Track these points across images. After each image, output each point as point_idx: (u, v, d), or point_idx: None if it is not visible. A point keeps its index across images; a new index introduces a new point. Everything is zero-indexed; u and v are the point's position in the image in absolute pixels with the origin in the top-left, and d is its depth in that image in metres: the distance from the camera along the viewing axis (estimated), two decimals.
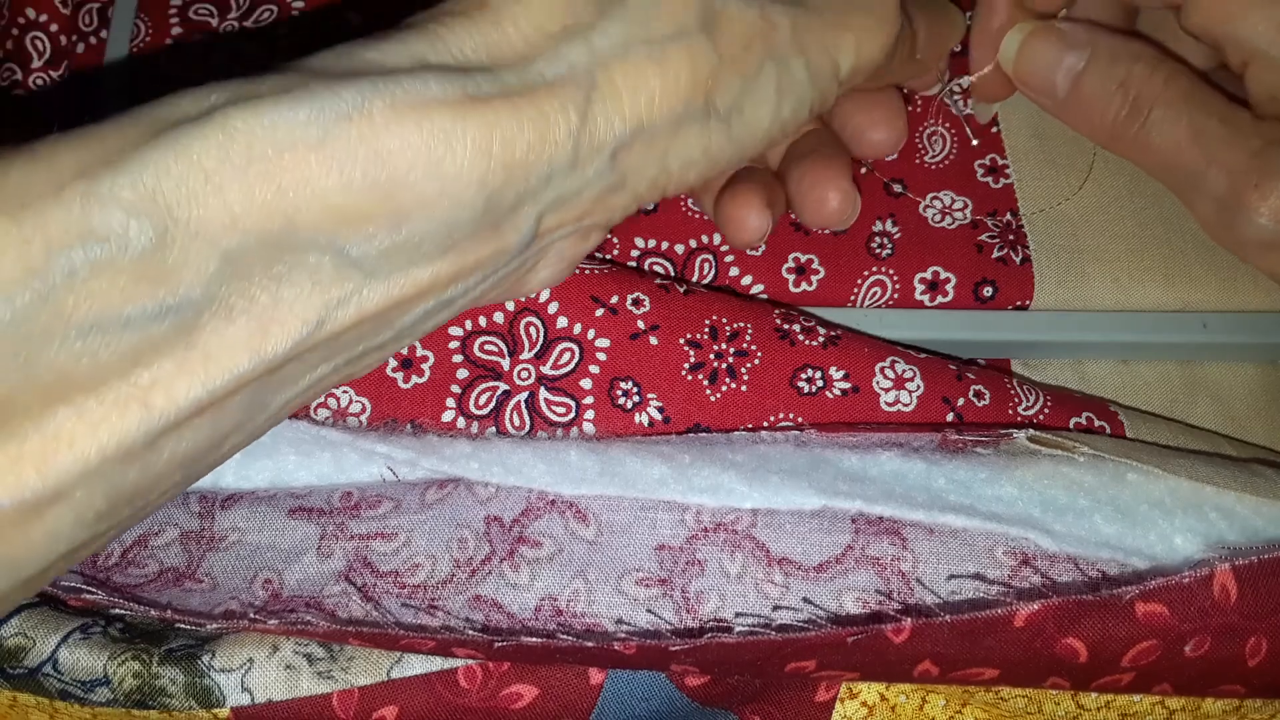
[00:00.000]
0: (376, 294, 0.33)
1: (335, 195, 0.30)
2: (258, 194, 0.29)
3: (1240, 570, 0.36)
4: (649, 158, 0.36)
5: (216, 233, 0.29)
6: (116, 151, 0.29)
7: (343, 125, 0.30)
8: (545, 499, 0.41)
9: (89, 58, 0.53)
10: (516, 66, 0.33)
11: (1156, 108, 0.43)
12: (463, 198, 0.32)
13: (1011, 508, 0.40)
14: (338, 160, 0.30)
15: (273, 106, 0.30)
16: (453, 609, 0.39)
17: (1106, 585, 0.38)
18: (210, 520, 0.41)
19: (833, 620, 0.38)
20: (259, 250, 0.30)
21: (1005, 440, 0.41)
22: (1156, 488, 0.40)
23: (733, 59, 0.36)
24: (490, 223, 0.34)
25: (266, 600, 0.39)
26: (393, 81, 0.31)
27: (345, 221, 0.31)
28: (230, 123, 0.29)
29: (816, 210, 0.43)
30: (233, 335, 0.30)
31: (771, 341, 0.44)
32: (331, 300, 0.32)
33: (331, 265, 0.31)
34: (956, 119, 0.50)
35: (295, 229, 0.30)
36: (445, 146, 0.31)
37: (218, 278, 0.30)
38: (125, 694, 0.38)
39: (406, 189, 0.31)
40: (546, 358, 0.43)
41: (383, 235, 0.32)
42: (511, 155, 0.32)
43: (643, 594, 0.39)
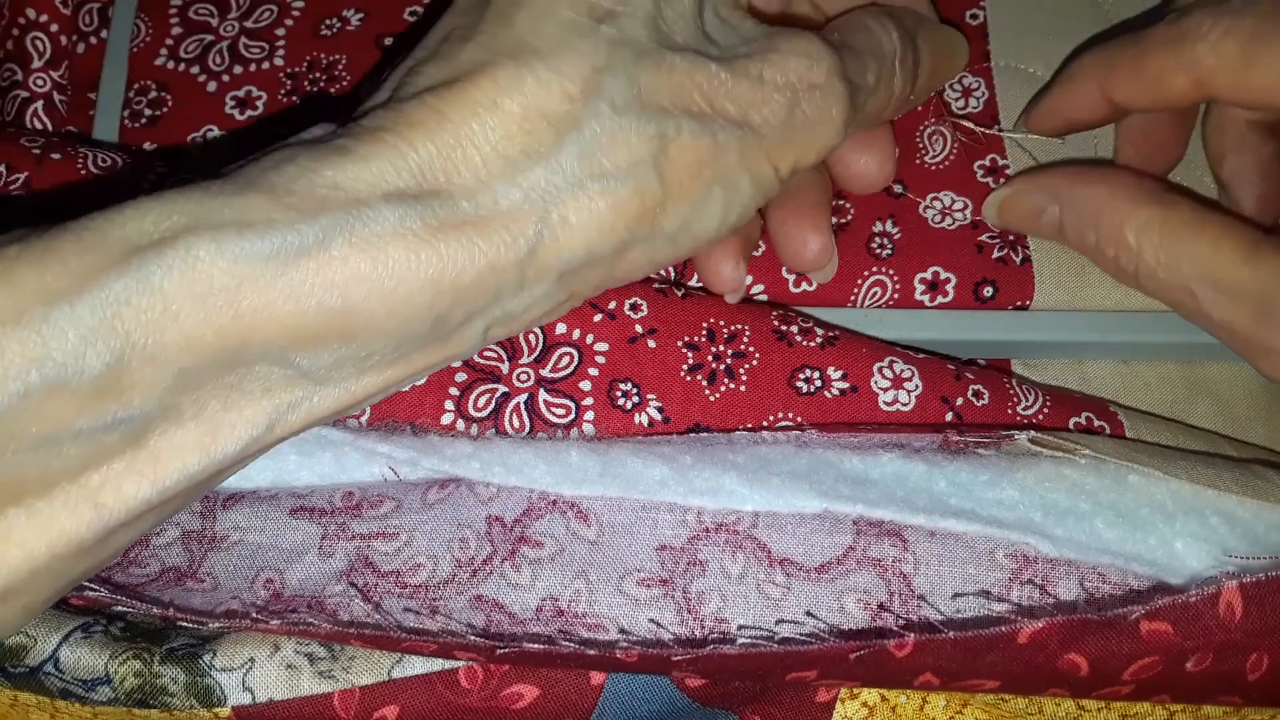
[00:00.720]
0: (327, 400, 0.34)
1: (290, 320, 0.31)
2: (215, 320, 0.30)
3: (1247, 589, 0.36)
4: (594, 274, 0.37)
5: (173, 355, 0.30)
6: (77, 276, 0.29)
7: (302, 260, 0.31)
8: (547, 499, 0.41)
9: (89, 58, 0.53)
10: (471, 191, 0.34)
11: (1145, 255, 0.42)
12: (412, 319, 0.33)
13: (1013, 511, 0.40)
14: (294, 291, 0.31)
15: (235, 239, 0.31)
16: (454, 609, 0.39)
17: (1108, 596, 0.39)
18: (212, 520, 0.41)
19: (836, 634, 0.38)
20: (213, 366, 0.31)
21: (1007, 441, 0.41)
22: (1158, 490, 0.40)
23: (682, 186, 0.36)
24: (438, 337, 0.35)
25: (268, 600, 0.39)
26: (352, 217, 0.32)
27: (298, 340, 0.32)
28: (193, 252, 0.30)
29: (797, 256, 0.44)
30: (182, 438, 0.32)
31: (769, 343, 0.44)
32: (282, 405, 0.33)
33: (282, 375, 0.33)
34: (957, 117, 0.50)
35: (249, 347, 0.31)
36: (397, 279, 0.32)
37: (171, 391, 0.31)
38: (126, 693, 0.38)
39: (359, 313, 0.32)
40: (545, 361, 0.43)
41: (333, 350, 0.33)
42: (460, 282, 0.33)
43: (644, 594, 0.39)
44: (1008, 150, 0.50)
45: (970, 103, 0.51)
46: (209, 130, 0.51)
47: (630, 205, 0.35)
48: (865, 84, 0.41)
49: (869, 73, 0.41)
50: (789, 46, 0.38)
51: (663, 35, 0.36)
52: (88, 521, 0.31)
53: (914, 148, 0.50)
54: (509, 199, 0.34)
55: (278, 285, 0.31)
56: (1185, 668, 0.37)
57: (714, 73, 0.37)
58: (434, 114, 0.34)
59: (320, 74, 0.52)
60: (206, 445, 0.32)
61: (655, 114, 0.35)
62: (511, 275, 0.34)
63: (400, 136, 0.33)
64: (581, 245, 0.35)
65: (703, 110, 0.36)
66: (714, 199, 0.38)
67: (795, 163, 0.39)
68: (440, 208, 0.33)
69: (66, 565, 0.31)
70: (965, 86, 0.51)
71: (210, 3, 0.53)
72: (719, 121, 0.37)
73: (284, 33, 0.53)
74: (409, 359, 0.35)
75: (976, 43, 0.52)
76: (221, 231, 0.31)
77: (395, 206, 0.32)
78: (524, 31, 0.35)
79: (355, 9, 0.53)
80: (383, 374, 0.35)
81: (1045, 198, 0.46)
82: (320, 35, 0.52)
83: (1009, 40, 0.52)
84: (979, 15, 0.52)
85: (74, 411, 0.29)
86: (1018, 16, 0.52)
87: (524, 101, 0.34)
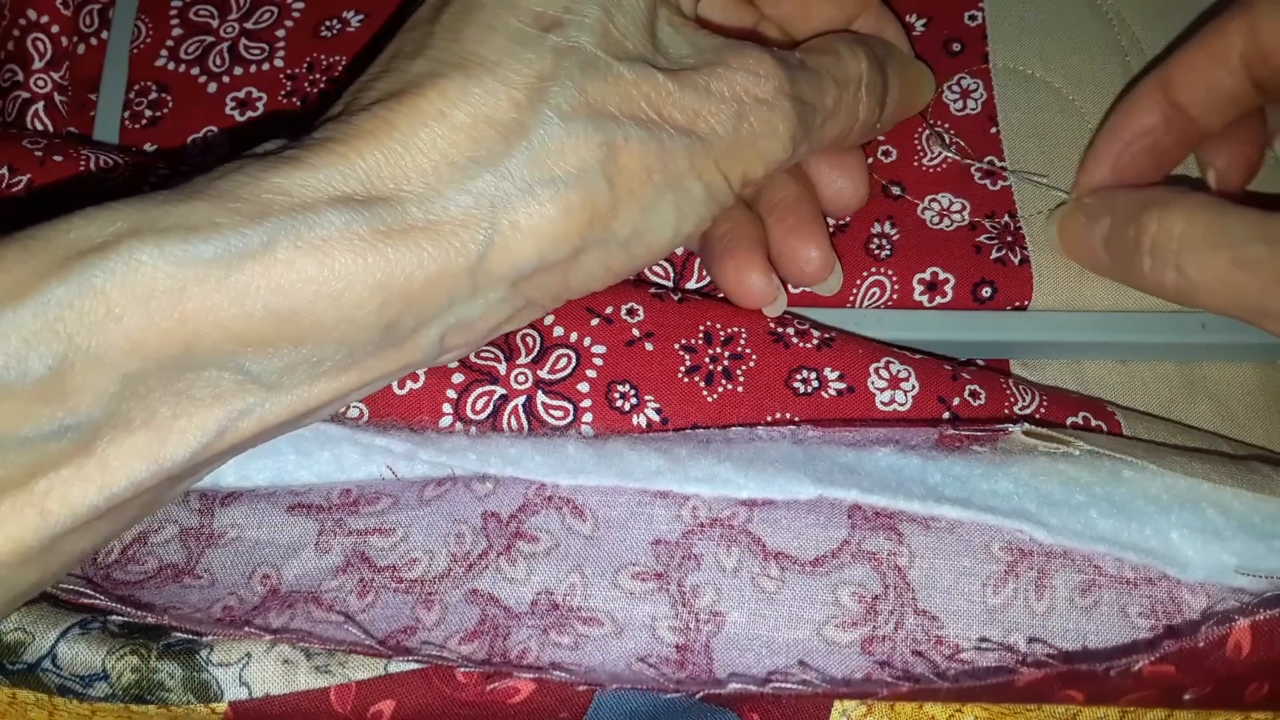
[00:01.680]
0: (279, 406, 0.34)
1: (236, 324, 0.32)
2: (159, 323, 0.31)
3: (1259, 627, 0.36)
4: (549, 281, 0.38)
5: (117, 358, 0.30)
6: (19, 282, 0.30)
7: (247, 263, 0.31)
8: (543, 495, 0.41)
9: (90, 59, 0.53)
10: (420, 198, 0.34)
11: (1184, 251, 0.42)
12: (362, 324, 0.34)
13: (1007, 502, 0.40)
14: (239, 294, 0.31)
15: (179, 242, 0.31)
16: (450, 603, 0.39)
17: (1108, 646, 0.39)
18: (210, 517, 0.41)
19: (829, 681, 0.38)
20: (159, 371, 0.31)
21: (1002, 436, 0.41)
22: (1153, 484, 0.40)
23: (631, 191, 0.37)
24: (392, 342, 0.35)
25: (264, 596, 0.39)
26: (298, 220, 0.32)
27: (245, 344, 0.32)
28: (135, 255, 0.31)
29: (799, 270, 0.45)
30: (131, 445, 0.32)
31: (766, 345, 0.44)
32: (233, 412, 0.33)
33: (232, 380, 0.33)
34: (955, 118, 0.51)
35: (195, 352, 0.31)
36: (345, 282, 0.33)
37: (117, 396, 0.31)
38: (124, 688, 0.38)
39: (307, 317, 0.32)
40: (543, 363, 0.43)
41: (283, 355, 0.33)
42: (410, 287, 0.34)
43: (639, 588, 0.39)
44: (1006, 153, 0.50)
45: (969, 104, 0.51)
46: (209, 131, 0.51)
47: (580, 210, 0.36)
48: (822, 105, 0.41)
49: (827, 95, 0.42)
50: (738, 61, 0.39)
51: (612, 43, 0.37)
52: (34, 528, 0.31)
53: (912, 149, 0.50)
54: (458, 205, 0.34)
55: (222, 288, 0.31)
56: (1182, 699, 0.38)
57: (661, 83, 0.37)
58: (383, 124, 0.34)
59: (320, 75, 0.52)
60: (156, 452, 0.32)
61: (603, 120, 0.36)
62: (463, 281, 0.35)
63: (349, 145, 0.34)
64: (533, 250, 0.35)
65: (650, 118, 0.37)
66: (665, 204, 0.38)
67: (744, 174, 0.40)
68: (388, 213, 0.33)
69: (13, 573, 0.31)
70: (964, 88, 0.51)
71: (210, 4, 0.53)
72: (666, 129, 0.37)
73: (284, 34, 0.53)
74: (363, 365, 0.35)
75: (975, 44, 0.52)
76: (165, 235, 0.31)
77: (342, 211, 0.33)
78: (472, 44, 0.36)
79: (355, 10, 0.53)
80: (336, 380, 0.35)
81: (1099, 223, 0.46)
82: (320, 36, 0.53)
83: (1007, 41, 0.52)
84: (977, 16, 0.52)
85: (18, 416, 0.30)
86: (1016, 18, 0.53)
87: (471, 110, 0.35)
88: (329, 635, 0.38)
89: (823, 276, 0.45)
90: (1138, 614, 0.39)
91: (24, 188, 0.45)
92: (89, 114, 0.52)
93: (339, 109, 0.36)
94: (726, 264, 0.44)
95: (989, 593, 0.39)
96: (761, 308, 0.45)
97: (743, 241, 0.44)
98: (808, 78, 0.41)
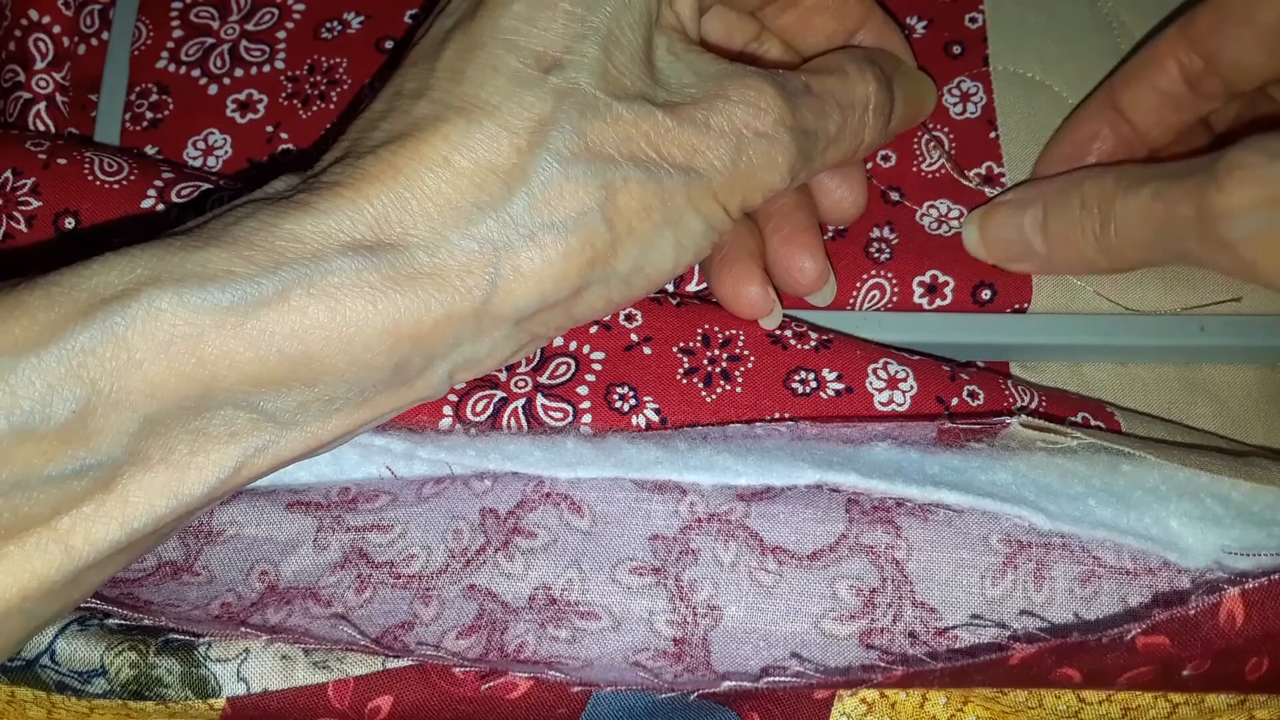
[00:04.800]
0: (293, 443, 0.35)
1: (252, 367, 0.32)
2: (178, 367, 0.32)
3: (1250, 595, 0.36)
4: (552, 318, 0.38)
5: (138, 401, 0.31)
6: (45, 328, 0.31)
7: (262, 310, 0.32)
8: (540, 491, 0.41)
9: (91, 59, 0.54)
10: (426, 243, 0.35)
11: (1117, 202, 0.43)
12: (372, 365, 0.34)
13: (1006, 491, 0.40)
14: (255, 340, 0.32)
15: (197, 290, 0.32)
16: (448, 598, 0.39)
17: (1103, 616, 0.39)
18: (209, 515, 0.41)
19: (823, 671, 0.39)
20: (178, 411, 0.32)
21: (1001, 430, 0.41)
22: (1151, 476, 0.40)
23: (631, 230, 0.37)
24: (401, 381, 0.36)
25: (263, 592, 0.39)
26: (310, 268, 0.33)
27: (260, 385, 0.33)
28: (155, 303, 0.31)
29: (795, 280, 0.45)
30: (150, 481, 0.33)
31: (763, 347, 0.44)
32: (248, 449, 0.34)
33: (248, 419, 0.34)
34: (955, 122, 0.51)
35: (213, 393, 0.32)
36: (356, 327, 0.33)
37: (138, 436, 0.32)
38: (122, 685, 0.38)
39: (319, 360, 0.33)
40: (543, 370, 0.43)
41: (296, 394, 0.34)
42: (418, 331, 0.35)
43: (636, 582, 0.39)
44: (1005, 159, 0.50)
45: (969, 107, 0.51)
46: (210, 133, 0.51)
47: (581, 252, 0.36)
48: (825, 132, 0.42)
49: (831, 121, 0.42)
50: (738, 94, 0.39)
51: (610, 82, 0.37)
52: (58, 564, 0.31)
53: (910, 155, 0.50)
54: (463, 250, 0.35)
55: (239, 334, 0.32)
56: (1181, 674, 0.37)
57: (659, 121, 0.37)
58: (388, 168, 0.35)
59: (321, 77, 0.52)
60: (174, 488, 0.33)
61: (601, 163, 0.36)
62: (468, 323, 0.35)
63: (356, 191, 0.34)
64: (535, 292, 0.36)
65: (649, 157, 0.37)
66: (664, 239, 0.38)
67: (742, 203, 0.40)
68: (396, 259, 0.34)
69: (37, 606, 0.32)
70: (964, 91, 0.51)
71: (211, 5, 0.53)
72: (665, 167, 0.37)
73: (285, 35, 0.53)
74: (373, 402, 0.36)
75: (975, 47, 0.52)
76: (183, 283, 0.32)
77: (352, 258, 0.33)
78: (472, 85, 0.36)
79: (356, 12, 0.53)
80: (349, 417, 0.36)
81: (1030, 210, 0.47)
82: (321, 38, 0.53)
83: (1007, 45, 0.52)
84: (978, 19, 0.52)
85: (43, 457, 0.30)
86: (1016, 21, 0.53)
87: (473, 156, 0.35)
88: (326, 635, 0.38)
89: (817, 287, 0.45)
90: (1138, 604, 0.39)
91: (29, 191, 0.45)
92: (90, 115, 0.52)
93: (344, 148, 0.37)
94: (724, 275, 0.44)
95: (987, 584, 0.39)
96: (758, 319, 0.45)
97: (740, 253, 0.44)
98: (811, 104, 0.41)
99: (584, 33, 0.37)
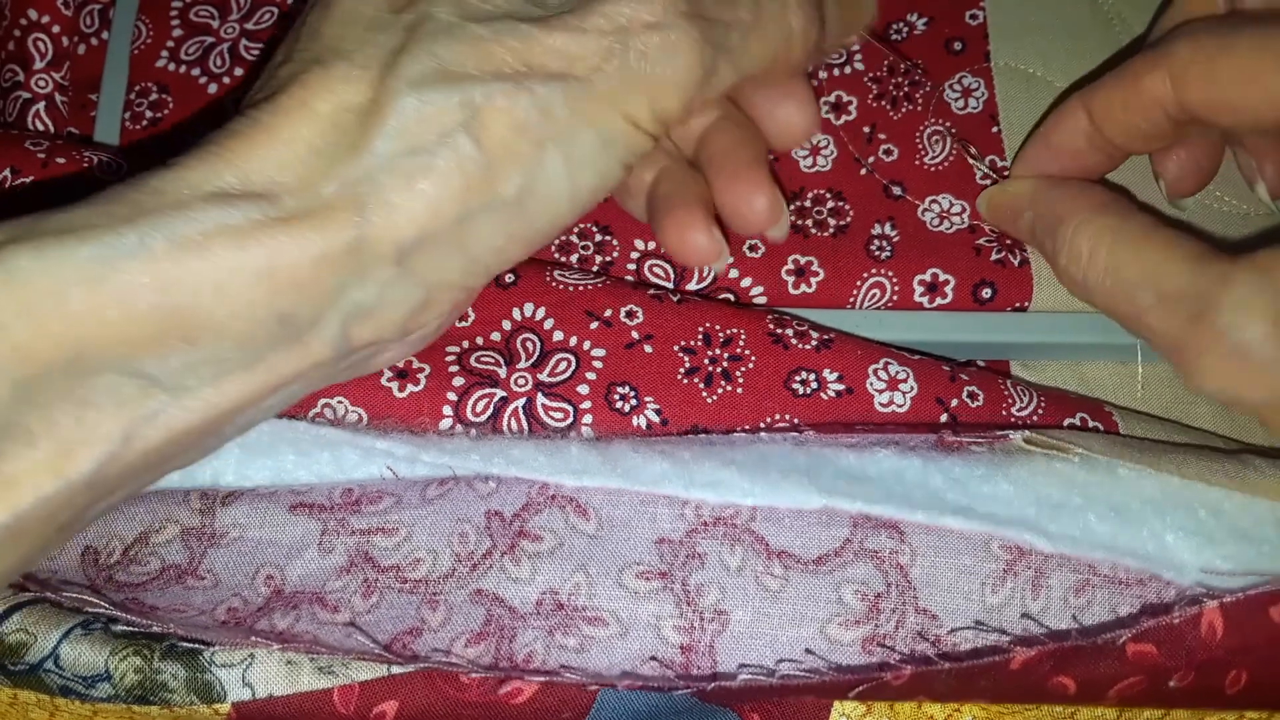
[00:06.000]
0: (186, 410, 0.34)
1: (123, 325, 0.32)
2: (45, 326, 0.31)
3: (1228, 608, 0.37)
4: (445, 257, 0.37)
5: (6, 366, 0.31)
6: None
7: (125, 261, 0.32)
8: (545, 494, 0.41)
9: (90, 59, 0.53)
10: (293, 189, 0.34)
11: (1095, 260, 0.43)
12: (252, 318, 0.34)
13: (1008, 507, 0.40)
14: (121, 294, 0.32)
15: (56, 245, 0.31)
16: (454, 603, 0.39)
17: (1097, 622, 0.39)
18: (211, 517, 0.41)
19: (835, 669, 0.39)
20: (53, 378, 0.31)
21: (1001, 440, 0.41)
22: (1148, 484, 0.40)
23: (507, 149, 0.36)
24: (291, 336, 0.35)
25: (269, 596, 0.39)
26: (174, 216, 0.33)
27: (137, 345, 0.32)
28: (14, 263, 0.31)
29: (745, 217, 0.43)
30: (33, 458, 0.32)
31: (765, 346, 0.44)
32: (136, 417, 0.33)
33: (134, 385, 0.33)
34: (957, 117, 0.51)
35: (87, 356, 0.32)
36: (226, 274, 0.33)
37: (12, 405, 0.31)
38: (127, 689, 0.38)
39: (195, 313, 0.33)
40: (543, 367, 0.43)
41: (178, 355, 0.33)
42: (295, 276, 0.34)
43: (643, 587, 0.39)
44: (1008, 153, 0.50)
45: (970, 103, 0.51)
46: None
47: (452, 177, 0.35)
48: (736, 18, 0.39)
49: (740, 6, 0.39)
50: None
51: (468, 9, 0.36)
52: None
53: (914, 148, 0.50)
54: (329, 191, 0.34)
55: (103, 289, 0.31)
56: (1168, 686, 0.38)
57: (525, 31, 0.36)
58: (252, 123, 0.35)
59: None
60: (59, 465, 0.32)
61: (460, 83, 0.35)
62: (347, 263, 0.35)
63: (222, 146, 0.34)
64: (410, 224, 0.35)
65: (516, 71, 0.36)
66: (552, 158, 0.37)
67: (653, 109, 0.38)
68: (264, 205, 0.34)
69: None
70: (965, 87, 0.51)
71: (211, 4, 0.53)
72: (536, 79, 0.36)
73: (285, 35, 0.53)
74: (268, 362, 0.35)
75: (976, 43, 0.52)
76: (43, 239, 0.31)
77: (217, 207, 0.33)
78: (330, 39, 0.36)
79: None
80: (244, 381, 0.35)
81: (1022, 201, 0.46)
82: None
83: (1008, 40, 0.52)
84: (978, 15, 0.52)
85: None
86: (1017, 17, 0.53)
87: (331, 99, 0.35)
88: (336, 644, 0.38)
89: (771, 222, 0.43)
90: (1128, 613, 0.39)
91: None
92: (89, 114, 0.52)
93: None
94: (667, 223, 0.42)
95: (988, 591, 0.39)
96: (707, 265, 0.43)
97: (685, 199, 0.42)
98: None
99: None
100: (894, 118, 0.51)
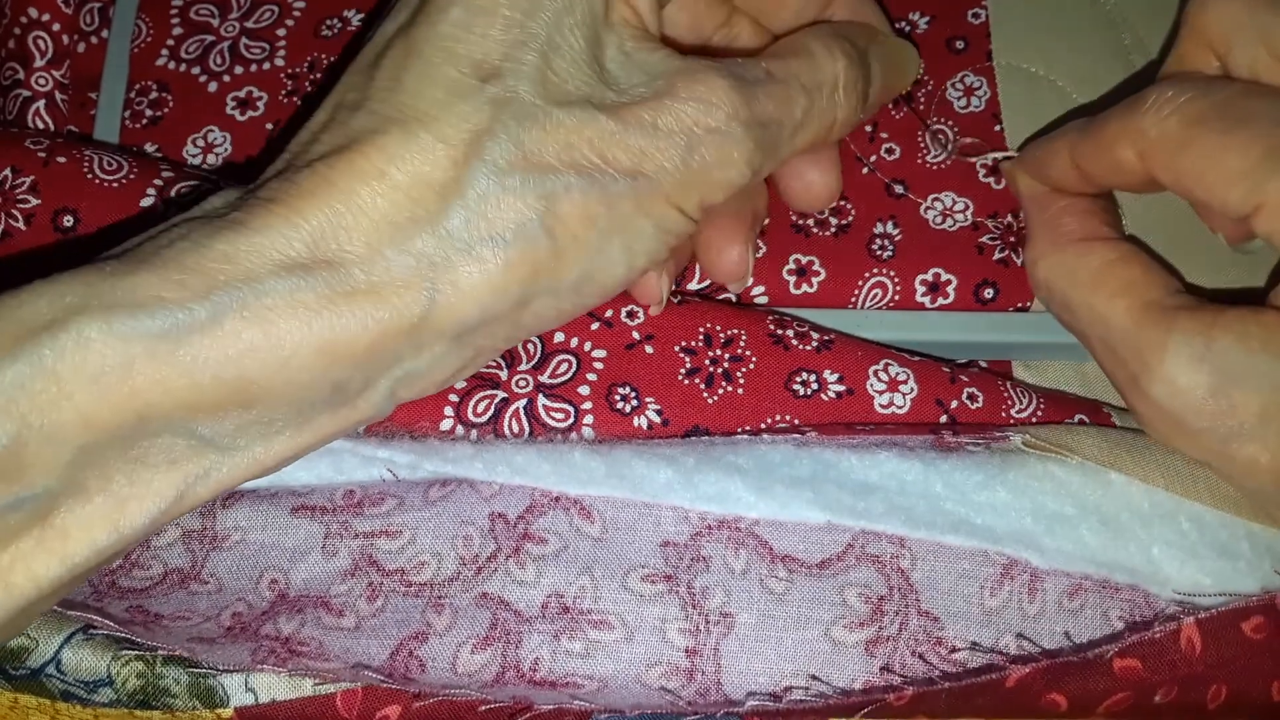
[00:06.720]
0: (236, 468, 0.35)
1: (186, 393, 0.32)
2: (109, 397, 0.31)
3: (1203, 623, 0.38)
4: (498, 331, 0.37)
5: (70, 433, 0.31)
6: None
7: (194, 336, 0.32)
8: (549, 496, 0.41)
9: (90, 57, 0.53)
10: (362, 260, 0.34)
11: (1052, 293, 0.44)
12: (309, 386, 0.34)
13: (1004, 517, 0.41)
14: (188, 366, 0.32)
15: (126, 319, 0.31)
16: (460, 606, 0.39)
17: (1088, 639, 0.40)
18: (212, 518, 0.41)
19: (840, 693, 0.39)
20: (113, 441, 0.32)
21: (999, 441, 0.42)
22: (1136, 494, 0.41)
23: (575, 239, 0.36)
24: (341, 401, 0.35)
25: (273, 600, 0.39)
26: (243, 291, 0.32)
27: (196, 411, 0.32)
28: (84, 333, 0.31)
29: (713, 265, 0.44)
30: (90, 514, 0.32)
31: (765, 347, 0.44)
32: (189, 476, 0.34)
33: (186, 445, 0.33)
34: (959, 116, 0.50)
35: (148, 421, 0.32)
36: (291, 349, 0.33)
37: (72, 466, 0.31)
38: (128, 694, 0.38)
39: (255, 383, 0.33)
40: (544, 368, 0.43)
41: (234, 418, 0.33)
42: (355, 350, 0.34)
43: (649, 590, 0.39)
44: (1011, 148, 0.50)
45: (972, 102, 0.51)
46: (209, 131, 0.51)
47: (520, 265, 0.35)
48: (789, 118, 0.40)
49: (795, 107, 0.40)
50: (688, 91, 0.37)
51: (551, 89, 0.36)
52: None
53: (916, 147, 0.50)
54: (399, 266, 0.34)
55: (171, 361, 0.32)
56: (1153, 701, 0.39)
57: (603, 125, 0.36)
58: (323, 182, 0.34)
59: (321, 74, 0.52)
60: (115, 520, 0.33)
61: (540, 173, 0.35)
62: (406, 340, 0.35)
63: (291, 208, 0.34)
64: (474, 307, 0.35)
65: (592, 164, 0.36)
66: (613, 247, 0.37)
67: (701, 201, 0.39)
68: (331, 277, 0.33)
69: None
70: (967, 86, 0.51)
71: (211, 3, 0.53)
72: (610, 173, 0.36)
73: (285, 33, 0.53)
74: (315, 423, 0.36)
75: (978, 42, 0.52)
76: (112, 312, 0.31)
77: (287, 278, 0.33)
78: (410, 96, 0.35)
79: (356, 9, 0.53)
80: (291, 439, 0.35)
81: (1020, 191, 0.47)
82: (321, 36, 0.52)
83: (1011, 39, 0.52)
84: (980, 14, 0.52)
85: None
86: (1019, 16, 0.52)
87: (409, 169, 0.34)
88: (340, 652, 0.39)
89: (735, 277, 0.44)
90: (1117, 617, 0.40)
91: (27, 189, 0.45)
92: (89, 113, 0.52)
93: (284, 161, 0.36)
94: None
95: (986, 595, 0.40)
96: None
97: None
98: (772, 91, 0.39)
99: (523, 39, 0.36)
100: (896, 116, 0.51)
